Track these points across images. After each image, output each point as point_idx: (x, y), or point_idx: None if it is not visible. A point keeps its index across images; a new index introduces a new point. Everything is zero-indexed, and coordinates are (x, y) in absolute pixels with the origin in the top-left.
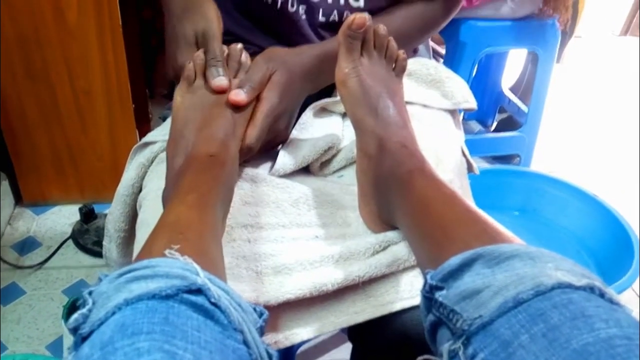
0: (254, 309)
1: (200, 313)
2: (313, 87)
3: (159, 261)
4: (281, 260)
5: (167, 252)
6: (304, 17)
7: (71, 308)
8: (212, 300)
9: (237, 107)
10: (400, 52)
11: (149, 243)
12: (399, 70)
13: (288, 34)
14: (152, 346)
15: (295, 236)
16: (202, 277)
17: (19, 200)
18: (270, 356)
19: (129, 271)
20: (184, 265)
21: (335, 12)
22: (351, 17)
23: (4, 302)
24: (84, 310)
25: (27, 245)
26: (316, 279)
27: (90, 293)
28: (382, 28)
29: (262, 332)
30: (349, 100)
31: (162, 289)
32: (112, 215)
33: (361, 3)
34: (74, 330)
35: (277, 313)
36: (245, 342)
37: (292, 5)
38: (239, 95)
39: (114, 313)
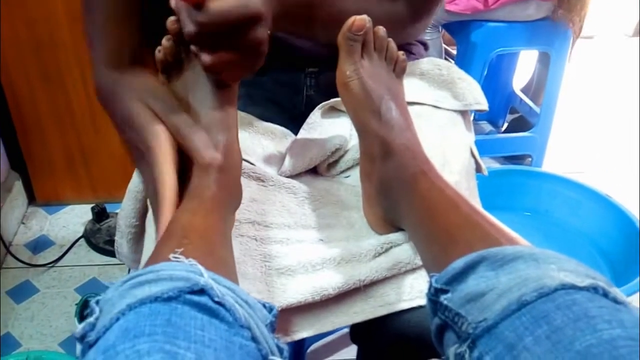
0: (264, 305)
1: (205, 312)
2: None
3: (162, 265)
4: (285, 262)
5: (171, 256)
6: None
7: (83, 306)
8: (216, 299)
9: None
10: (400, 53)
11: (155, 251)
12: (399, 71)
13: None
14: (153, 347)
15: (300, 238)
16: (205, 277)
17: (32, 199)
18: (281, 351)
19: (133, 277)
20: (188, 267)
21: None
22: (351, 19)
23: (18, 300)
24: (91, 319)
25: (40, 244)
26: (318, 283)
27: (97, 302)
28: (381, 30)
29: (272, 327)
30: (351, 103)
31: (165, 291)
32: (124, 211)
33: None
34: (82, 339)
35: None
36: (253, 339)
37: None
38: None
39: (117, 319)
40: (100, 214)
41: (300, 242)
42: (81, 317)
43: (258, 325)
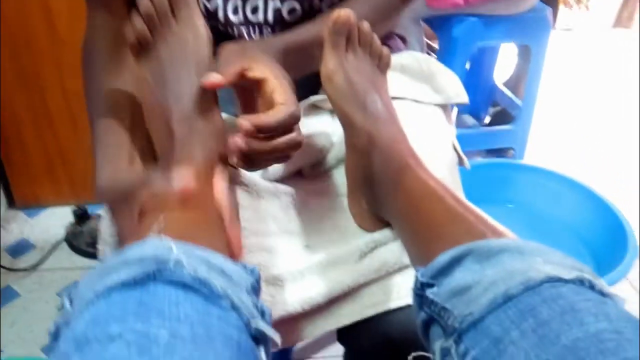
0: (244, 267)
1: (179, 288)
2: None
3: (129, 248)
4: (273, 272)
5: (151, 234)
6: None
7: None
8: (187, 272)
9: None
10: (385, 48)
11: (134, 230)
12: (384, 66)
13: None
14: (125, 329)
15: (286, 245)
16: (175, 253)
17: (11, 202)
18: (262, 313)
19: (102, 266)
20: (157, 244)
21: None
22: (335, 13)
23: None
24: (62, 314)
25: (20, 247)
26: (306, 293)
27: (68, 294)
28: (366, 25)
29: (255, 290)
30: (336, 97)
31: (132, 275)
32: (105, 219)
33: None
34: (55, 337)
35: None
36: (233, 307)
37: (254, 33)
38: (212, 78)
39: (87, 307)
40: (81, 216)
41: (286, 249)
42: None
43: (237, 293)
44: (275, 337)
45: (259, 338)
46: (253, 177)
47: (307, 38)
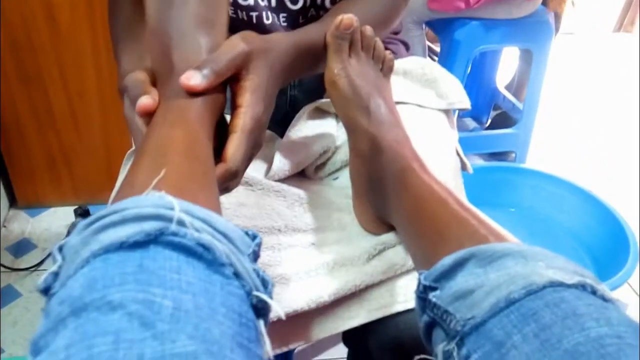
0: (246, 233)
1: (180, 252)
2: (285, 82)
3: (128, 202)
4: (278, 271)
5: (148, 191)
6: (285, 26)
7: None
8: (191, 236)
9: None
10: (387, 52)
11: (128, 176)
12: (387, 70)
13: None
14: (125, 297)
15: (292, 243)
16: (177, 212)
17: (13, 202)
18: (265, 284)
19: (97, 219)
20: (157, 200)
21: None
22: (339, 17)
23: (0, 304)
24: (54, 269)
25: (22, 247)
26: (313, 290)
27: (60, 249)
28: (369, 29)
29: (255, 256)
30: (339, 101)
31: (132, 235)
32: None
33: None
34: (45, 292)
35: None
36: (235, 274)
37: (267, 19)
38: (194, 79)
39: (82, 267)
40: (83, 216)
41: (292, 247)
42: None
43: (240, 260)
44: (278, 308)
45: (259, 309)
46: (257, 176)
47: (316, 38)
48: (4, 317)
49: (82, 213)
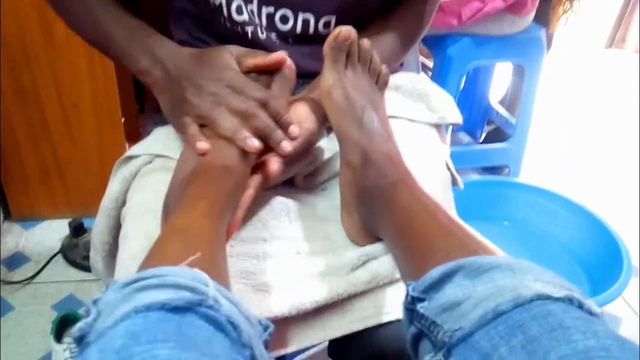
0: (259, 322)
1: (211, 325)
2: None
3: (167, 270)
4: (263, 279)
5: (183, 265)
6: (277, 42)
7: (60, 324)
8: (224, 313)
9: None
10: (383, 66)
11: (160, 248)
12: (382, 84)
13: None
14: (171, 355)
15: (277, 252)
16: (212, 289)
17: (7, 215)
18: None
19: (137, 280)
20: (193, 275)
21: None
22: (337, 29)
23: None
24: (89, 319)
25: (15, 260)
26: (296, 298)
27: (95, 302)
28: (366, 42)
29: (266, 345)
30: (333, 112)
31: (172, 299)
32: (97, 228)
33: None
34: (80, 339)
35: None
36: (252, 358)
37: (262, 33)
38: (288, 148)
39: (122, 320)
40: (77, 229)
41: (277, 255)
42: (57, 335)
43: (258, 345)
44: None
45: None
46: None
47: None
48: None
49: (76, 226)
